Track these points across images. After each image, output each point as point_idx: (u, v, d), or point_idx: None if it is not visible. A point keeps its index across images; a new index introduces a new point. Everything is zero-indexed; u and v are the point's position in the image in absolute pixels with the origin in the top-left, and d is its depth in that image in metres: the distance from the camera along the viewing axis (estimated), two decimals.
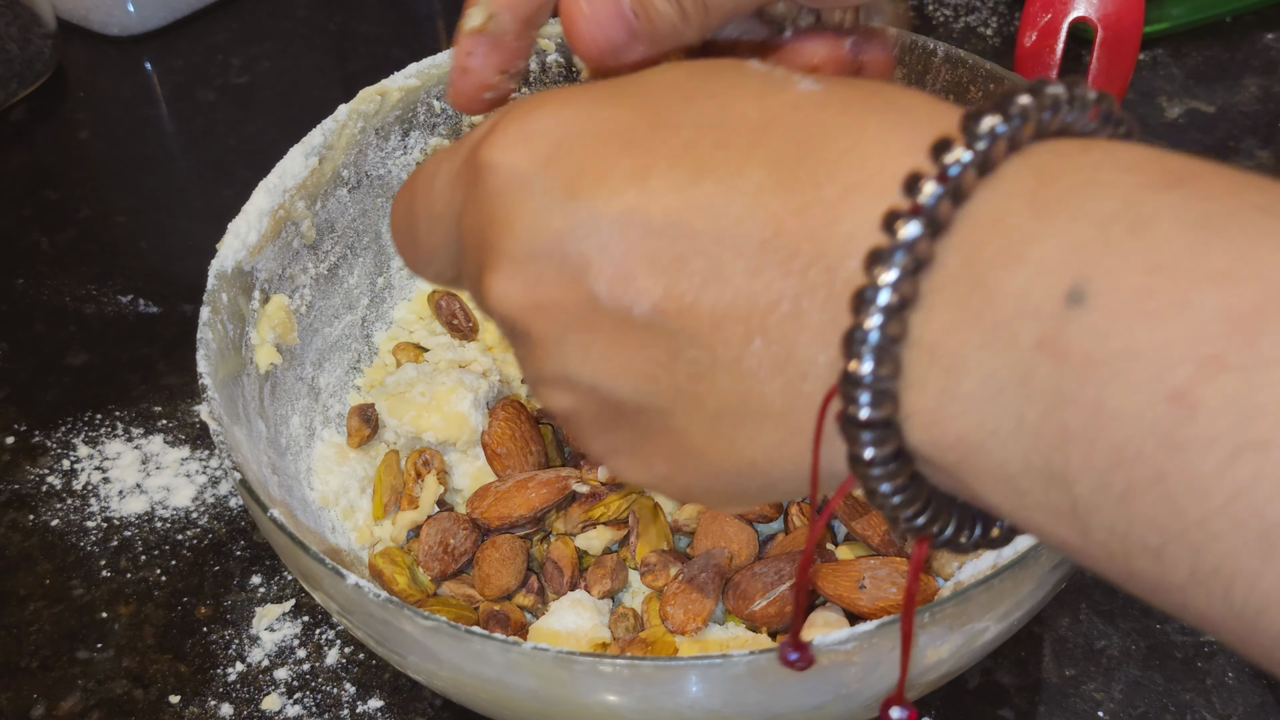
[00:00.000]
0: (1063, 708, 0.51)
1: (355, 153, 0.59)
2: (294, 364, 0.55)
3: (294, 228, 0.56)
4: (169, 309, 0.71)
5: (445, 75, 0.61)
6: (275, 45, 0.90)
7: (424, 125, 0.61)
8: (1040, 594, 0.43)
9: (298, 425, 0.55)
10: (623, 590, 0.51)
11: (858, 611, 0.47)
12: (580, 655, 0.38)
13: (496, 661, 0.39)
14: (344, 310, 0.59)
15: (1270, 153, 0.75)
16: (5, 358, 0.69)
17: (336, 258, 0.59)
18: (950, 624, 0.40)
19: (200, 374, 0.48)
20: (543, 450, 0.55)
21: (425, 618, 0.39)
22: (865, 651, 0.39)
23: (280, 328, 0.54)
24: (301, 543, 0.42)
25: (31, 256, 0.75)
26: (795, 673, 0.37)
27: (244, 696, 0.53)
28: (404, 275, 0.62)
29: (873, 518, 0.50)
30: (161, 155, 0.84)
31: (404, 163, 0.61)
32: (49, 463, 0.63)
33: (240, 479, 0.44)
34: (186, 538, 0.59)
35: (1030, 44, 0.72)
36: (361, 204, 0.60)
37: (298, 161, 0.56)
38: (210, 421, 0.46)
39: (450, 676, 0.42)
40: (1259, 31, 0.83)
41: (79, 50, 0.89)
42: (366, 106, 0.58)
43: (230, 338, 0.51)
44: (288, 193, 0.55)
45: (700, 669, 0.39)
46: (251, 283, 0.53)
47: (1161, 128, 0.78)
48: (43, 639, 0.56)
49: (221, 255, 0.52)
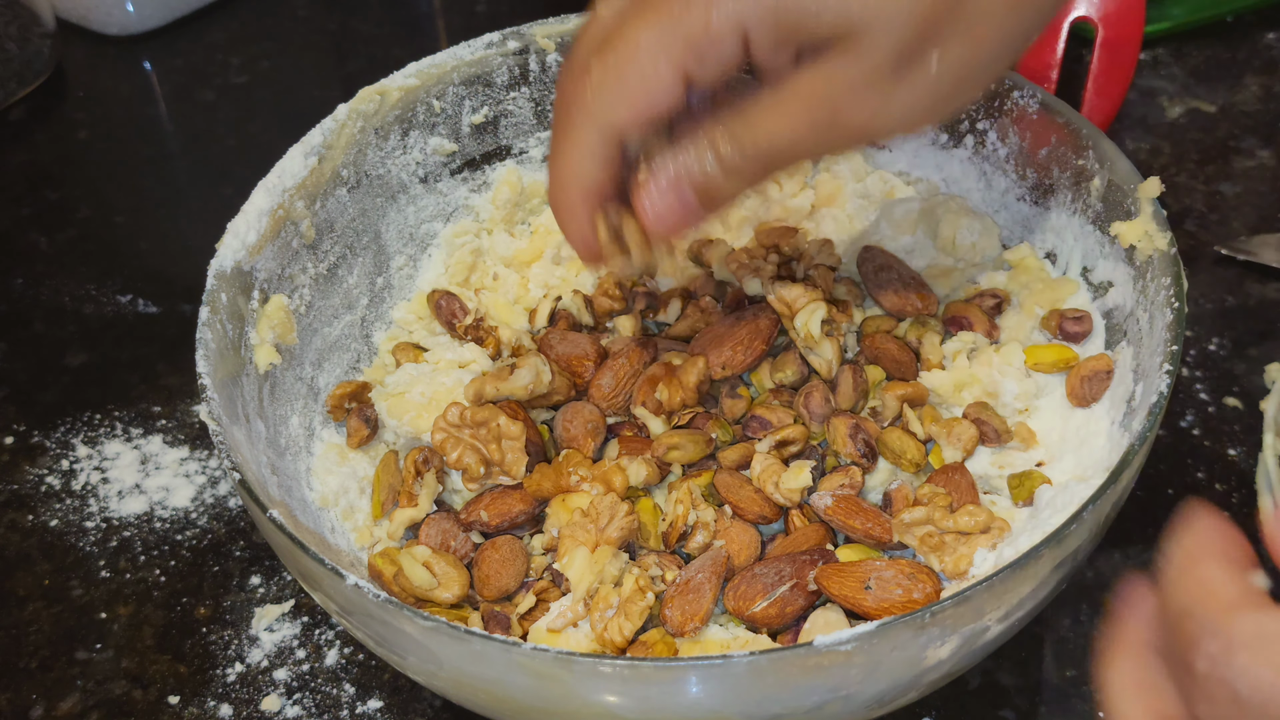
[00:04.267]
0: (1064, 708, 0.51)
1: (355, 152, 0.58)
2: (293, 364, 0.55)
3: (293, 227, 0.56)
4: (168, 309, 0.71)
5: (445, 75, 0.61)
6: (275, 45, 0.90)
7: (423, 125, 0.61)
8: (1041, 594, 0.43)
9: (297, 425, 0.55)
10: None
11: (862, 612, 0.47)
12: (580, 655, 0.38)
13: (497, 661, 0.39)
14: (343, 310, 0.59)
15: (1271, 152, 0.75)
16: (4, 358, 0.69)
17: (336, 257, 0.59)
18: (951, 625, 0.40)
19: (199, 374, 0.48)
20: (540, 449, 0.54)
21: (425, 618, 0.39)
22: (865, 652, 0.39)
23: (279, 328, 0.54)
24: (301, 543, 0.42)
25: (31, 256, 0.75)
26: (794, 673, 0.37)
27: (243, 697, 0.53)
28: (404, 275, 0.62)
29: (870, 515, 0.50)
30: (161, 155, 0.84)
31: (403, 162, 0.61)
32: (48, 463, 0.63)
33: (239, 479, 0.44)
34: (186, 538, 0.59)
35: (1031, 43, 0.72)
36: (361, 204, 0.60)
37: (297, 161, 0.56)
38: (209, 421, 0.46)
39: (450, 677, 0.42)
40: (1260, 31, 0.83)
41: (78, 50, 0.89)
42: (366, 106, 0.58)
43: (229, 338, 0.51)
44: (287, 192, 0.55)
45: (700, 669, 0.38)
46: (251, 282, 0.53)
47: (1162, 127, 0.78)
48: (42, 639, 0.56)
49: (221, 255, 0.52)
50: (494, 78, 0.62)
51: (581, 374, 0.56)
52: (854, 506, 0.51)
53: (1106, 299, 0.55)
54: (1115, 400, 0.52)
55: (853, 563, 0.48)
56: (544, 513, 0.52)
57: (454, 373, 0.57)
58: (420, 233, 0.63)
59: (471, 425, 0.53)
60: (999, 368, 0.55)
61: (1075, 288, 0.57)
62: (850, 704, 0.41)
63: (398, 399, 0.55)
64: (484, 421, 0.52)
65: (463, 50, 0.61)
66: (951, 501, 0.50)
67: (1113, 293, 0.55)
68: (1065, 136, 0.56)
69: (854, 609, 0.47)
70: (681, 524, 0.51)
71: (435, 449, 0.53)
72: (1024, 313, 0.57)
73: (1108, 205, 0.54)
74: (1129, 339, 0.52)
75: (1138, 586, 0.34)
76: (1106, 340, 0.55)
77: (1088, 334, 0.55)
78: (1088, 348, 0.55)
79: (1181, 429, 0.61)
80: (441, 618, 0.39)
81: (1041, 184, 0.58)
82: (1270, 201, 0.72)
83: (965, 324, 0.57)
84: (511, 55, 0.62)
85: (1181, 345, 0.46)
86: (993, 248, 0.60)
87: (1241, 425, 0.61)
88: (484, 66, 0.61)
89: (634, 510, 0.50)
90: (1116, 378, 0.52)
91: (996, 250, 0.60)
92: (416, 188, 0.62)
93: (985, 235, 0.59)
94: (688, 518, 0.51)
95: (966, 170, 0.61)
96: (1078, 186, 0.56)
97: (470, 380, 0.55)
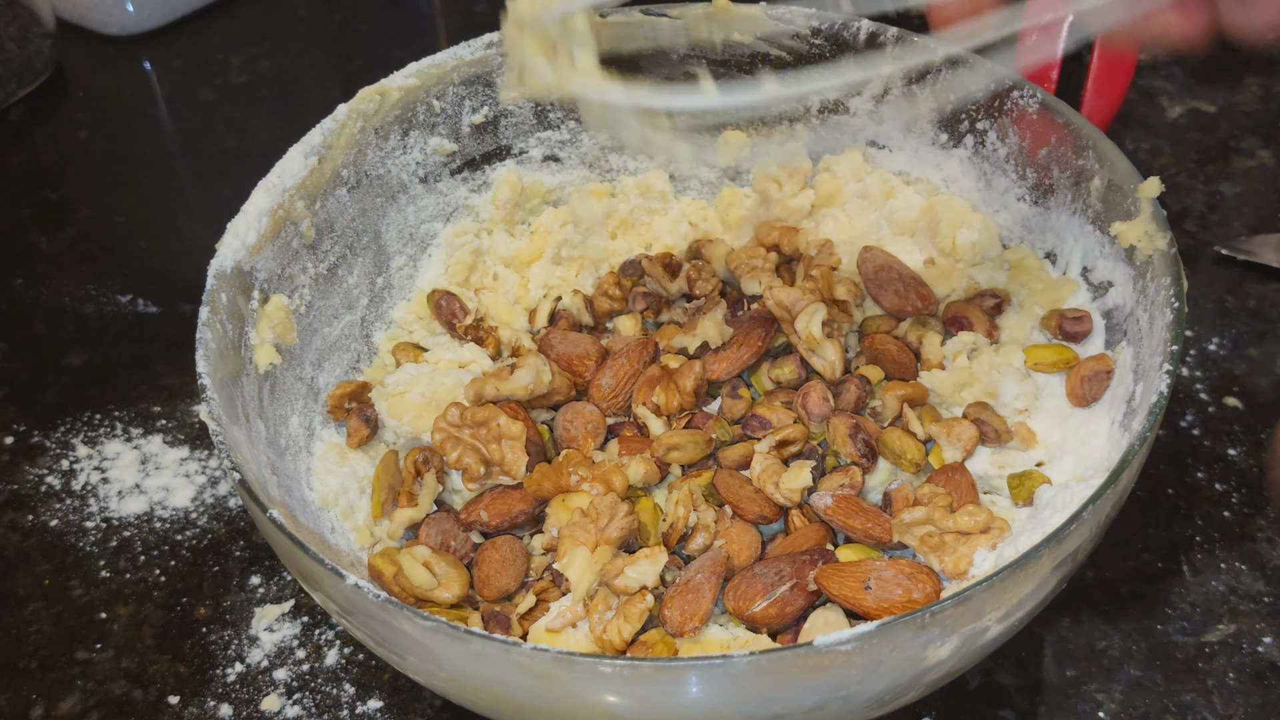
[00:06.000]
0: (1064, 708, 0.51)
1: (355, 152, 0.58)
2: (293, 364, 0.55)
3: (293, 227, 0.56)
4: (168, 309, 0.71)
5: (445, 75, 0.61)
6: (275, 45, 0.90)
7: (423, 125, 0.61)
8: (1041, 594, 0.43)
9: (297, 425, 0.55)
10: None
11: (862, 612, 0.47)
12: (580, 655, 0.38)
13: (497, 661, 0.39)
14: (343, 310, 0.59)
15: (1271, 152, 0.75)
16: (4, 358, 0.69)
17: (336, 257, 0.59)
18: (951, 625, 0.40)
19: (199, 374, 0.48)
20: (540, 449, 0.54)
21: (425, 618, 0.39)
22: (865, 652, 0.39)
23: (279, 328, 0.54)
24: (301, 543, 0.42)
25: (31, 256, 0.75)
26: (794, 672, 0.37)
27: (243, 697, 0.53)
28: (404, 275, 0.62)
29: (870, 515, 0.50)
30: (161, 155, 0.84)
31: (403, 162, 0.61)
32: (48, 463, 0.63)
33: (239, 479, 0.44)
34: (186, 538, 0.59)
35: (1031, 43, 0.72)
36: (361, 204, 0.60)
37: (297, 161, 0.56)
38: (209, 421, 0.46)
39: (450, 677, 0.42)
40: None
41: (78, 50, 0.89)
42: (366, 106, 0.58)
43: (229, 338, 0.51)
44: (287, 192, 0.55)
45: (700, 669, 0.38)
46: (251, 282, 0.53)
47: (1162, 127, 0.78)
48: (42, 639, 0.56)
49: (221, 255, 0.52)
50: (494, 78, 0.62)
51: (582, 374, 0.56)
52: (854, 506, 0.51)
53: (1106, 299, 0.55)
54: (1115, 400, 0.52)
55: (853, 563, 0.48)
56: (544, 513, 0.52)
57: (454, 373, 0.57)
58: (420, 233, 0.63)
59: (471, 425, 0.53)
60: (999, 368, 0.55)
61: (1075, 287, 0.57)
62: (850, 704, 0.41)
63: (398, 399, 0.55)
64: (484, 421, 0.52)
65: (463, 50, 0.61)
66: (951, 501, 0.50)
67: (1113, 292, 0.55)
68: (1065, 136, 0.56)
69: (854, 609, 0.47)
70: (682, 525, 0.51)
71: (435, 449, 0.53)
72: (1024, 313, 0.57)
73: (1107, 205, 0.54)
74: (1129, 339, 0.52)
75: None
76: (1106, 340, 0.55)
77: (1088, 334, 0.55)
78: (1087, 348, 0.55)
79: (1181, 429, 0.61)
80: (441, 618, 0.39)
81: (1041, 184, 0.58)
82: (1270, 201, 0.72)
83: (965, 324, 0.57)
84: None
85: (1182, 345, 0.46)
86: (992, 247, 0.60)
87: (1241, 425, 0.61)
88: (484, 66, 0.61)
89: (634, 510, 0.50)
90: (1116, 378, 0.52)
91: (996, 250, 0.60)
92: (416, 188, 0.62)
93: (985, 235, 0.59)
94: (688, 519, 0.51)
95: (966, 170, 0.61)
96: (1077, 186, 0.56)
97: (470, 380, 0.55)
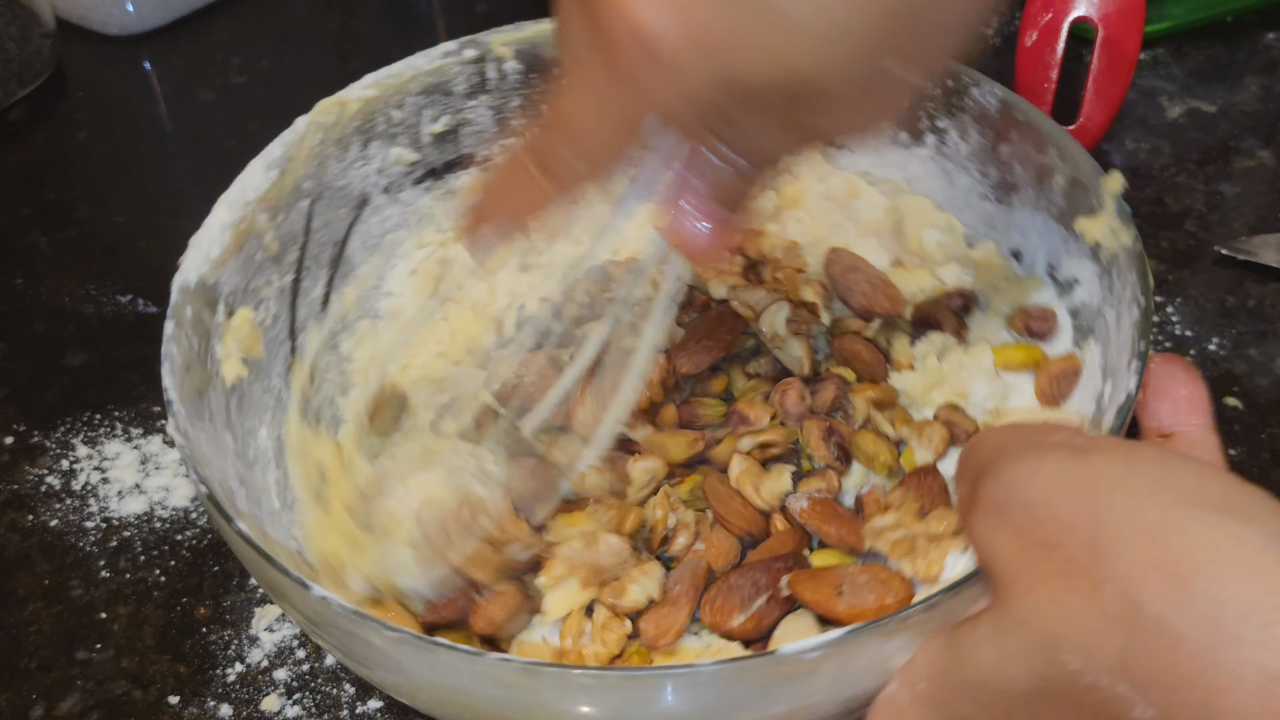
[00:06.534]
0: None
1: (316, 164, 0.58)
2: (260, 376, 0.55)
3: (256, 241, 0.55)
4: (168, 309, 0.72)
5: (403, 85, 0.60)
6: (275, 45, 0.90)
7: (384, 135, 0.60)
8: None
9: (265, 437, 0.54)
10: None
11: (835, 619, 0.46)
12: (546, 665, 0.38)
13: (462, 672, 0.38)
14: (309, 321, 0.58)
15: (1271, 152, 0.75)
16: (4, 358, 0.69)
17: (300, 270, 0.58)
18: (920, 630, 0.39)
19: (165, 389, 0.47)
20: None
21: (390, 629, 0.38)
22: (832, 659, 0.38)
23: (245, 341, 0.53)
24: (266, 554, 0.41)
25: (31, 256, 0.75)
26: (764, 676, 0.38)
27: (243, 697, 0.53)
28: (369, 286, 0.61)
29: (844, 520, 0.50)
30: (161, 155, 0.84)
31: (365, 173, 0.60)
32: (48, 463, 0.63)
33: (206, 493, 0.44)
34: (186, 538, 0.59)
35: (1031, 43, 0.72)
36: (324, 215, 0.59)
37: (258, 174, 0.55)
38: (176, 435, 0.46)
39: (417, 687, 0.41)
40: (1260, 31, 0.83)
41: (78, 50, 0.89)
42: (325, 118, 0.57)
43: (196, 351, 0.50)
44: (249, 205, 0.54)
45: (667, 679, 0.38)
46: (215, 296, 0.52)
47: (1162, 127, 0.77)
48: (42, 639, 0.56)
49: (184, 269, 0.51)
50: (452, 86, 0.61)
51: None
52: (829, 511, 0.50)
53: (1073, 296, 0.55)
54: (1085, 399, 0.51)
55: (826, 568, 0.48)
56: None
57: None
58: (385, 243, 0.62)
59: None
60: (968, 368, 0.54)
61: (1040, 285, 0.56)
62: (819, 710, 0.42)
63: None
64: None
65: (419, 60, 0.60)
66: (922, 505, 0.49)
67: (1079, 290, 0.54)
68: (1025, 133, 0.55)
69: (828, 615, 0.46)
70: (663, 528, 0.51)
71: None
72: (991, 312, 0.57)
73: (1071, 202, 0.53)
74: (1096, 336, 0.52)
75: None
76: (1074, 338, 0.55)
77: (1052, 332, 0.55)
78: (1055, 346, 0.55)
79: None
80: (407, 629, 0.38)
81: (1004, 181, 0.58)
82: (1270, 201, 0.72)
83: (934, 323, 0.57)
84: (469, 63, 0.61)
85: (1149, 343, 0.46)
86: (957, 247, 0.59)
87: (1241, 425, 0.60)
88: (441, 75, 0.61)
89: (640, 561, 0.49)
90: (1085, 376, 0.52)
91: (961, 249, 0.59)
92: (380, 198, 0.62)
93: (949, 234, 0.59)
94: (667, 521, 0.51)
95: (929, 169, 0.60)
96: (1041, 183, 0.55)
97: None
